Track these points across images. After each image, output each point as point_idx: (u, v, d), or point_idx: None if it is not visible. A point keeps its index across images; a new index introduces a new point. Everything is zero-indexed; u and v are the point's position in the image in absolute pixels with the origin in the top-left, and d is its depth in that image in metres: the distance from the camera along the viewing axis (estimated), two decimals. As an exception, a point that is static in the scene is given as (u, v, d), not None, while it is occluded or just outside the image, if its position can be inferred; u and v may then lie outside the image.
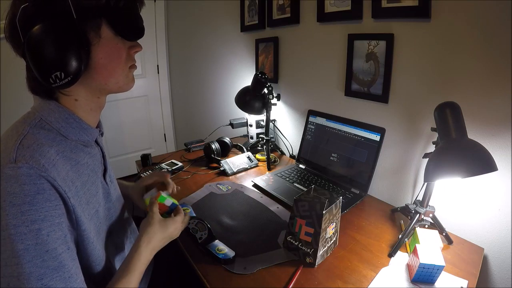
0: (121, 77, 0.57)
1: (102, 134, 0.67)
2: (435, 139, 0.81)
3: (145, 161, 1.35)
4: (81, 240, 0.53)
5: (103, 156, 0.66)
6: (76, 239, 0.53)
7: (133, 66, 0.60)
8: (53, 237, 0.46)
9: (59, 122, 0.53)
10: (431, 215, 0.85)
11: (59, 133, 0.53)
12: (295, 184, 1.15)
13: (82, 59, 0.49)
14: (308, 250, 0.76)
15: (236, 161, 1.32)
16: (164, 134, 2.88)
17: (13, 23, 0.47)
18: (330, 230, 0.77)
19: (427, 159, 0.76)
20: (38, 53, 0.46)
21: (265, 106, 1.35)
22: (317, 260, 0.75)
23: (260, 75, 1.30)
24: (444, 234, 0.84)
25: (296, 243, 0.78)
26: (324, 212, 0.72)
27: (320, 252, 0.75)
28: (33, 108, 0.55)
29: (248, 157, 1.37)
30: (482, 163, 0.65)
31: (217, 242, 0.82)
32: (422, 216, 0.85)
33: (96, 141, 0.64)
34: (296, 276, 0.71)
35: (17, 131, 0.49)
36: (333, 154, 1.20)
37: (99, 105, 0.61)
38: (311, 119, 1.30)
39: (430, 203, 0.86)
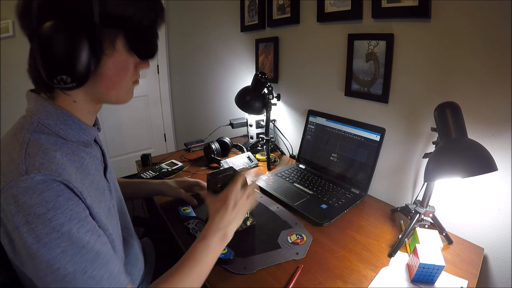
0: (123, 91, 0.57)
1: (99, 130, 0.66)
2: (435, 139, 0.81)
3: (145, 161, 1.35)
4: None
5: (103, 154, 0.66)
6: None
7: (136, 82, 0.59)
8: (83, 231, 0.47)
9: (57, 124, 0.52)
10: (431, 215, 0.85)
11: (58, 136, 0.52)
12: (295, 184, 1.15)
13: (91, 68, 0.48)
14: (247, 214, 0.88)
15: (236, 161, 1.32)
16: (164, 134, 2.89)
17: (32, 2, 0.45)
18: None
19: (427, 159, 0.76)
20: (49, 49, 0.44)
21: (265, 106, 1.35)
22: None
23: (260, 75, 1.30)
24: (444, 234, 0.84)
25: None
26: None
27: None
28: (28, 111, 0.53)
29: (248, 157, 1.37)
30: (482, 163, 0.65)
31: (217, 242, 0.82)
32: (422, 216, 0.85)
33: (95, 140, 0.63)
34: (296, 276, 0.71)
35: (17, 140, 0.48)
36: (333, 154, 1.20)
37: (96, 109, 0.60)
38: (311, 119, 1.30)
39: (430, 203, 0.86)
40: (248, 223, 0.90)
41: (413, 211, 0.86)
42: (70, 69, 0.45)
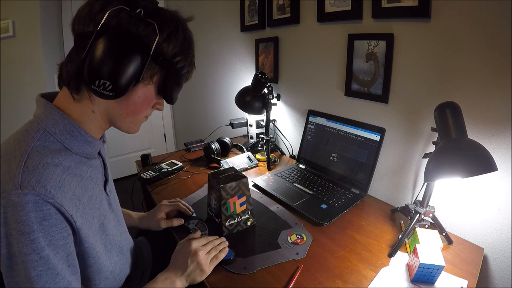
0: (134, 122, 0.60)
1: (104, 142, 0.66)
2: (435, 139, 0.82)
3: (145, 161, 1.35)
4: (81, 254, 0.53)
5: (105, 167, 0.66)
6: (77, 253, 0.53)
7: (147, 118, 0.62)
8: (59, 259, 0.47)
9: (63, 134, 0.52)
10: (431, 215, 0.85)
11: (63, 146, 0.52)
12: (295, 184, 1.15)
13: (130, 85, 0.51)
14: (248, 215, 0.88)
15: (236, 161, 1.32)
16: (164, 134, 2.88)
17: (103, 9, 0.48)
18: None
19: (427, 159, 0.76)
20: (105, 53, 0.46)
21: (265, 106, 1.35)
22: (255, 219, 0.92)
23: (260, 75, 1.30)
24: (444, 234, 0.84)
25: (236, 220, 0.87)
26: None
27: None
28: (36, 116, 0.53)
29: (248, 157, 1.37)
30: (482, 163, 0.65)
31: (217, 242, 0.82)
32: (422, 216, 0.85)
33: (98, 152, 0.63)
34: (296, 276, 0.71)
35: (20, 147, 0.48)
36: (333, 154, 1.20)
37: (107, 127, 0.61)
38: (311, 119, 1.30)
39: (430, 203, 0.86)
40: (249, 223, 0.90)
41: (413, 211, 0.86)
42: (115, 78, 0.48)
